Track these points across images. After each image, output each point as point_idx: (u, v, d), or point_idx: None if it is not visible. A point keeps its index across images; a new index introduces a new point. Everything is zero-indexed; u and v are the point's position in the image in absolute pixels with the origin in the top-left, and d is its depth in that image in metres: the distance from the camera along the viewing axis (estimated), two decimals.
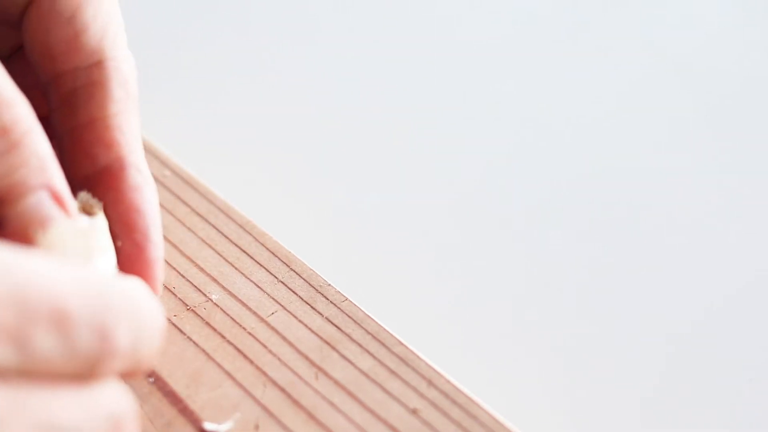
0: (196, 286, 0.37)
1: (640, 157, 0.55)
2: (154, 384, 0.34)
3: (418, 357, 0.35)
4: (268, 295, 0.37)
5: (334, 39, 0.62)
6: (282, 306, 0.37)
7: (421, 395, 0.34)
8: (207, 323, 0.36)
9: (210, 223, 0.40)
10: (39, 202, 0.27)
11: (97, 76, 0.33)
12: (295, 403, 0.33)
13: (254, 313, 0.36)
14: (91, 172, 0.32)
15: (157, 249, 0.32)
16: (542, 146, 0.55)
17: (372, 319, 0.36)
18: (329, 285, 0.37)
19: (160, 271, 0.32)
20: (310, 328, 0.36)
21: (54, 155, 0.28)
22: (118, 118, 0.32)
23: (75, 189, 0.32)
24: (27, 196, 0.27)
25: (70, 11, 0.32)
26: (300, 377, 0.34)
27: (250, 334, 0.36)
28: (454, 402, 0.33)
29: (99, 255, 0.30)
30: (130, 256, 0.31)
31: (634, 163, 0.54)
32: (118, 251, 0.32)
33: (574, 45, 0.62)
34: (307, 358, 0.35)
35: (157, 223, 0.32)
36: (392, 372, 0.34)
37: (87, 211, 0.30)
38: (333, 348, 0.35)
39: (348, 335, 0.35)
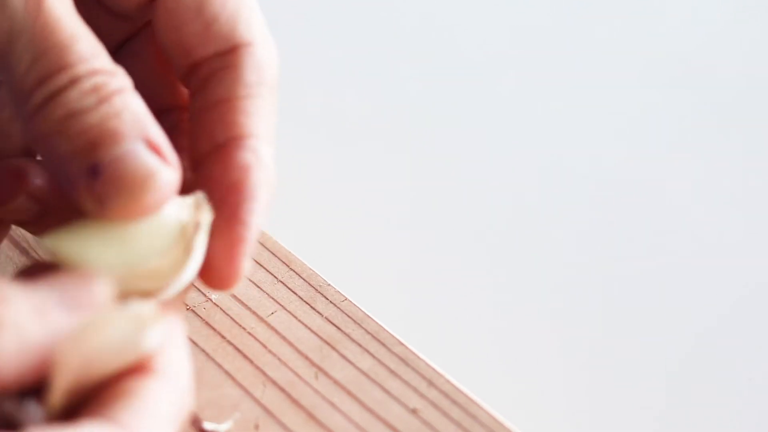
0: (195, 286, 0.37)
1: (642, 157, 0.55)
2: None
3: (417, 357, 0.35)
4: (268, 295, 0.37)
5: (333, 39, 0.62)
6: (282, 306, 0.37)
7: (421, 395, 0.34)
8: (207, 323, 0.36)
9: None
10: (136, 150, 0.28)
11: (230, 60, 0.32)
12: (295, 403, 0.33)
13: (254, 313, 0.36)
14: (208, 149, 0.32)
15: (244, 229, 0.31)
16: (543, 147, 0.55)
17: (372, 319, 0.36)
18: (329, 285, 0.37)
19: (242, 252, 0.31)
20: (309, 328, 0.36)
21: (150, 114, 0.28)
22: (245, 101, 0.32)
23: (195, 168, 0.32)
24: (122, 141, 0.27)
25: (198, 3, 0.32)
26: (300, 377, 0.34)
27: (249, 334, 0.36)
28: (454, 402, 0.33)
29: (191, 254, 0.29)
30: (215, 229, 0.30)
31: (636, 164, 0.54)
32: (212, 225, 0.31)
33: (575, 45, 0.62)
34: (306, 358, 0.35)
35: (254, 205, 0.31)
36: (392, 372, 0.34)
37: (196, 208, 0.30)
38: (333, 348, 0.35)
39: (348, 335, 0.35)
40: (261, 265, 0.38)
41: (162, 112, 0.34)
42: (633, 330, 0.45)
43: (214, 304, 0.37)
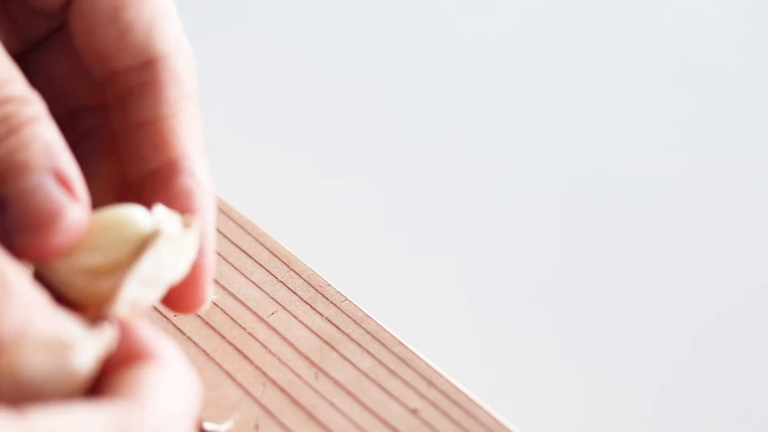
0: None
1: (641, 155, 0.55)
2: None
3: (417, 357, 0.35)
4: (268, 295, 0.37)
5: (333, 40, 0.62)
6: (282, 306, 0.37)
7: (421, 395, 0.34)
8: (207, 323, 0.36)
9: None
10: (44, 184, 0.27)
11: (147, 76, 0.31)
12: (295, 403, 0.33)
13: (254, 313, 0.36)
14: (144, 174, 0.31)
15: (202, 256, 0.30)
16: (544, 147, 0.55)
17: (372, 319, 0.36)
18: (329, 285, 0.37)
19: (205, 278, 0.30)
20: (310, 328, 0.36)
21: (63, 144, 0.27)
22: (170, 120, 0.31)
23: (131, 192, 0.31)
24: (30, 175, 0.27)
25: (113, 9, 0.31)
26: (300, 377, 0.34)
27: (249, 334, 0.36)
28: (454, 402, 0.33)
29: (140, 258, 0.27)
30: None
31: (634, 161, 0.54)
32: None
33: (576, 45, 0.62)
34: (306, 358, 0.35)
35: (206, 232, 0.30)
36: (392, 372, 0.34)
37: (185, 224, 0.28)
38: (333, 348, 0.35)
39: (348, 335, 0.35)
40: (261, 265, 0.38)
41: (84, 110, 0.33)
42: (633, 330, 0.45)
43: (214, 304, 0.37)
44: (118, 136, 0.32)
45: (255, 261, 0.38)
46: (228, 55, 0.60)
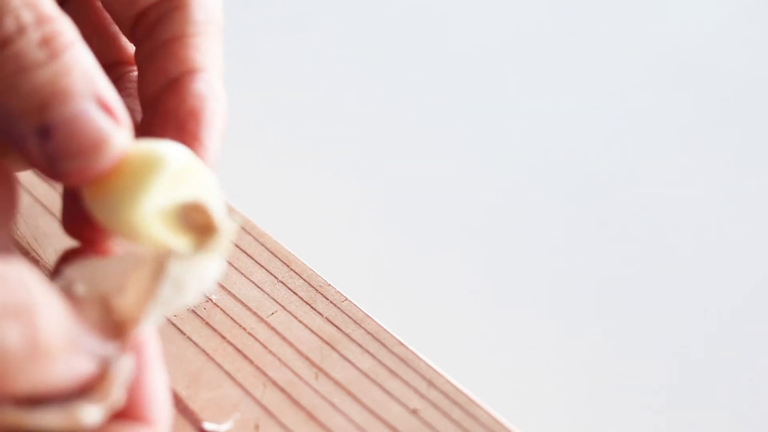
0: None
1: (640, 155, 0.55)
2: None
3: (417, 357, 0.35)
4: (268, 295, 0.37)
5: (333, 40, 0.62)
6: (282, 306, 0.37)
7: (421, 395, 0.34)
8: (207, 323, 0.36)
9: None
10: (88, 110, 0.27)
11: (176, 2, 0.32)
12: (295, 403, 0.33)
13: (254, 313, 0.36)
14: (161, 85, 0.32)
15: (205, 153, 0.31)
16: (544, 147, 0.55)
17: (372, 319, 0.36)
18: (329, 285, 0.37)
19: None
20: (310, 328, 0.36)
21: (100, 69, 0.28)
22: (195, 38, 0.32)
23: (148, 107, 0.32)
24: (74, 101, 0.27)
25: None
26: (300, 377, 0.34)
27: (250, 334, 0.36)
28: (454, 402, 0.33)
29: (160, 283, 0.28)
30: None
31: (634, 162, 0.54)
32: None
33: (576, 45, 0.62)
34: (307, 358, 0.35)
35: (213, 131, 0.31)
36: (392, 372, 0.34)
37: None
38: (333, 348, 0.35)
39: (348, 335, 0.35)
40: (261, 266, 0.38)
41: (104, 68, 0.34)
42: (633, 330, 0.45)
43: (214, 304, 0.37)
44: (143, 59, 0.33)
45: (255, 261, 0.38)
46: (227, 55, 0.60)
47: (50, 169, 0.27)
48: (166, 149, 0.28)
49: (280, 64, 0.60)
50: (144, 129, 0.32)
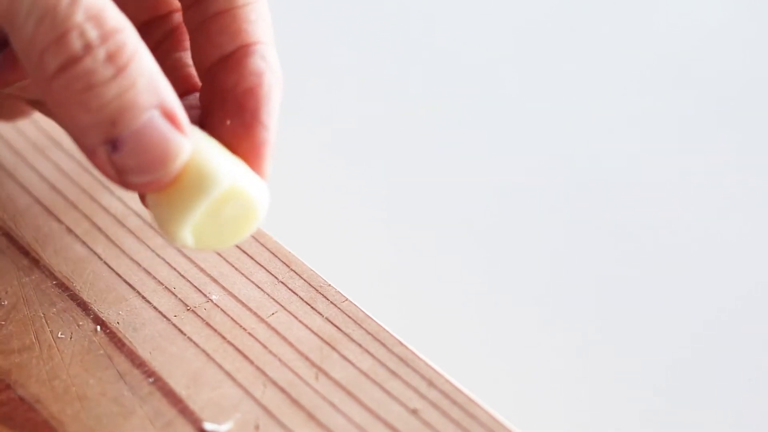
0: (196, 287, 0.37)
1: (640, 155, 0.55)
2: (154, 384, 0.34)
3: (417, 357, 0.35)
4: (269, 295, 0.37)
5: (333, 40, 0.62)
6: (282, 306, 0.37)
7: (421, 395, 0.34)
8: (207, 324, 0.36)
9: None
10: (153, 121, 0.28)
11: None
12: (295, 403, 0.33)
13: (254, 313, 0.36)
14: (217, 59, 0.32)
15: (266, 131, 0.32)
16: (543, 147, 0.55)
17: (372, 319, 0.36)
18: (329, 285, 0.37)
19: (267, 154, 0.32)
20: (310, 329, 0.36)
21: (161, 72, 0.29)
22: (246, 8, 0.33)
23: (205, 78, 0.33)
24: (140, 114, 0.28)
25: None
26: (300, 377, 0.34)
27: (250, 334, 0.36)
28: (454, 402, 0.33)
29: None
30: (236, 135, 0.31)
31: (634, 162, 0.54)
32: (226, 131, 0.32)
33: (575, 45, 0.62)
34: (307, 358, 0.35)
35: (271, 108, 0.32)
36: (392, 372, 0.34)
37: None
38: (333, 348, 0.35)
39: (348, 335, 0.35)
40: (261, 266, 0.38)
41: (155, 19, 0.34)
42: (633, 330, 0.45)
43: (215, 304, 0.37)
44: (193, 31, 0.33)
45: (255, 261, 0.38)
46: None
47: (119, 181, 0.29)
48: (220, 170, 0.30)
49: (281, 65, 0.60)
50: (203, 103, 0.33)
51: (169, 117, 0.28)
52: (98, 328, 0.36)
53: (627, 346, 0.45)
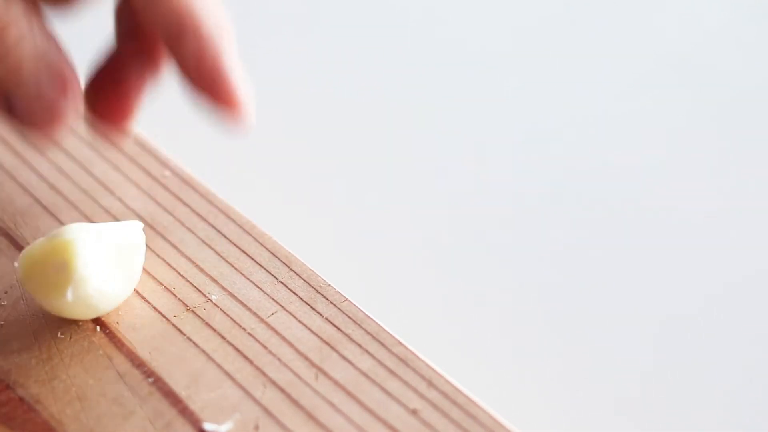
0: (195, 287, 0.37)
1: (640, 156, 0.55)
2: (153, 384, 0.34)
3: (417, 357, 0.35)
4: (268, 295, 0.37)
5: (332, 40, 0.62)
6: (282, 306, 0.37)
7: (421, 395, 0.34)
8: (207, 324, 0.36)
9: (210, 224, 0.40)
10: (39, 84, 0.30)
11: None
12: (295, 403, 0.33)
13: (254, 313, 0.36)
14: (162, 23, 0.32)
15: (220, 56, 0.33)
16: (541, 146, 0.55)
17: (372, 319, 0.36)
18: (329, 285, 0.37)
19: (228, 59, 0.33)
20: (310, 329, 0.36)
21: (55, 38, 0.31)
22: None
23: (154, 47, 0.34)
24: (26, 75, 0.30)
25: None
26: (300, 377, 0.34)
27: (250, 334, 0.36)
28: (453, 402, 0.33)
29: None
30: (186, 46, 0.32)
31: (633, 163, 0.54)
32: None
33: (575, 45, 0.62)
34: (306, 358, 0.35)
35: (215, 29, 0.33)
36: (392, 372, 0.34)
37: None
38: (333, 348, 0.35)
39: (348, 336, 0.35)
40: (261, 266, 0.38)
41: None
42: (633, 330, 0.45)
43: (214, 304, 0.37)
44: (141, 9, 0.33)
45: (255, 261, 0.38)
46: None
47: (22, 135, 0.32)
48: (73, 247, 0.34)
49: (281, 65, 0.60)
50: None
51: (58, 80, 0.30)
52: (98, 328, 0.36)
53: (627, 346, 0.45)
